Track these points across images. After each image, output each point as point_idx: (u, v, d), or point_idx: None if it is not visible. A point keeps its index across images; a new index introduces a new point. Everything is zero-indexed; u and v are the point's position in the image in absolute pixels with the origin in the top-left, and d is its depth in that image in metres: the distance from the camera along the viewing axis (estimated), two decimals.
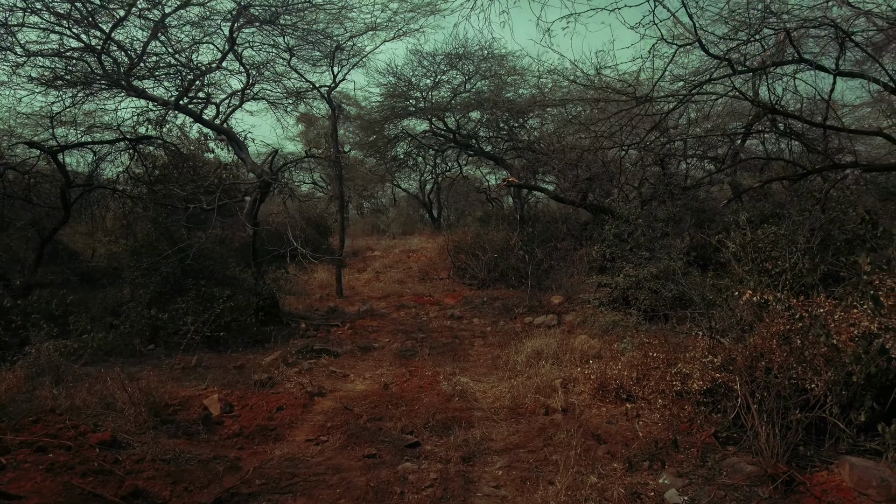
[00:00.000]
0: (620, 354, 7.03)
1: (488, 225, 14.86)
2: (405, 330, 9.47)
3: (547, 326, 9.42)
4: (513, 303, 10.90)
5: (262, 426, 4.89)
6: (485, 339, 8.92)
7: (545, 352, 7.32)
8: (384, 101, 15.23)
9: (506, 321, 9.93)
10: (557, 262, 11.97)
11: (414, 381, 6.53)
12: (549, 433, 4.72)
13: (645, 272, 8.83)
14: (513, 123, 15.40)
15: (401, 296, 12.26)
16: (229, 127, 10.40)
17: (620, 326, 8.43)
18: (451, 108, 14.94)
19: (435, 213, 25.77)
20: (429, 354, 7.98)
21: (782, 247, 5.10)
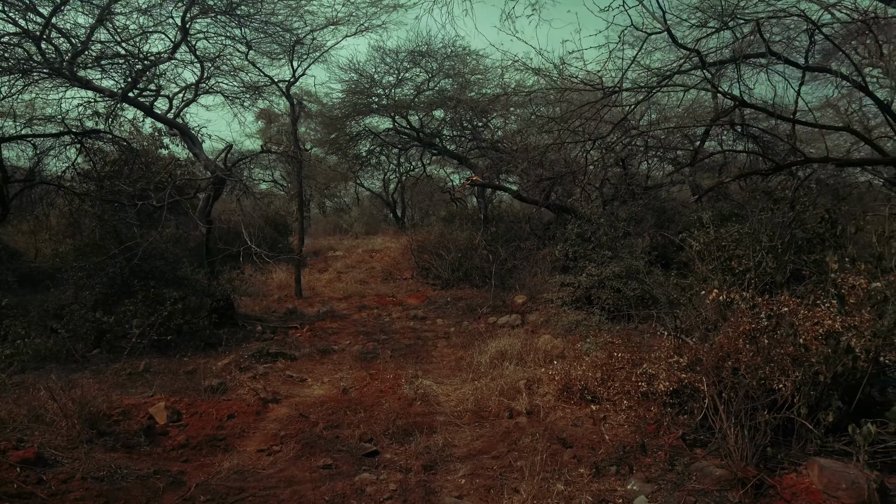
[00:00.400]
0: (584, 354, 6.93)
1: (452, 225, 14.69)
2: (367, 331, 9.21)
3: (511, 326, 9.28)
4: (477, 303, 10.74)
5: (211, 436, 4.57)
6: (448, 339, 8.72)
7: (509, 352, 7.17)
8: (346, 97, 14.91)
9: (469, 321, 9.76)
10: (521, 262, 11.87)
11: (374, 384, 6.28)
12: (514, 437, 4.55)
13: (607, 271, 8.78)
14: (476, 122, 15.27)
15: (363, 296, 11.97)
16: (183, 121, 9.95)
17: (583, 326, 8.35)
18: (414, 105, 14.72)
19: (399, 213, 25.48)
20: (391, 356, 7.74)
21: (746, 245, 5.06)
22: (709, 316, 5.05)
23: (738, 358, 3.93)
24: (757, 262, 4.73)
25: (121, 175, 8.98)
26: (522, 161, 11.91)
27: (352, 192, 31.84)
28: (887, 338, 3.22)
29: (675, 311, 5.54)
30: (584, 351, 5.92)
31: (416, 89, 14.67)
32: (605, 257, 9.12)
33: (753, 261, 4.70)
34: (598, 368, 5.39)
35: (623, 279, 8.74)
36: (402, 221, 24.66)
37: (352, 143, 16.15)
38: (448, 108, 14.85)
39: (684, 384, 4.30)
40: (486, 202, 15.74)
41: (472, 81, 14.71)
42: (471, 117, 15.24)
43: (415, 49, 14.08)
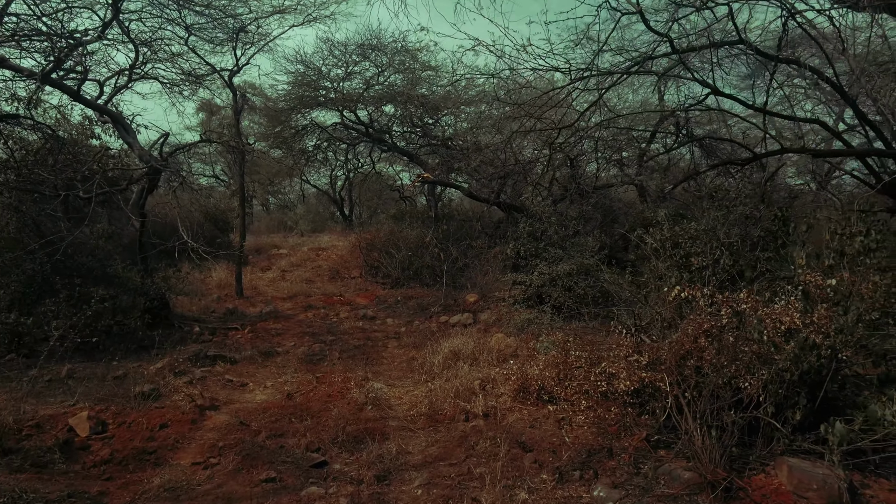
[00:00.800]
0: (539, 353, 6.79)
1: (402, 223, 14.39)
2: (313, 332, 8.81)
3: (463, 325, 9.08)
4: (428, 302, 10.49)
5: (140, 449, 4.14)
6: (399, 340, 8.44)
7: (462, 352, 6.96)
8: (292, 89, 14.36)
9: (421, 321, 9.50)
10: (472, 261, 11.70)
11: (322, 388, 5.94)
12: (471, 442, 4.33)
13: (559, 269, 8.70)
14: (427, 119, 15.01)
15: (309, 296, 11.52)
16: (116, 109, 9.25)
17: (535, 324, 8.23)
18: (363, 100, 14.33)
19: (347, 211, 24.95)
20: (339, 358, 7.40)
21: (703, 242, 5.02)
22: (666, 314, 4.96)
23: (702, 356, 3.83)
24: (714, 260, 4.69)
25: (45, 165, 8.24)
26: (475, 158, 11.75)
27: (297, 189, 31.03)
28: (852, 333, 3.17)
29: (631, 309, 5.44)
30: (540, 350, 5.75)
31: (366, 83, 14.28)
32: (556, 256, 9.05)
33: (711, 258, 4.66)
34: (554, 368, 5.24)
35: (574, 277, 8.68)
36: (350, 220, 24.15)
37: (297, 136, 15.59)
38: (398, 104, 14.53)
39: (645, 383, 4.18)
40: (437, 200, 15.53)
41: (423, 78, 14.46)
42: (421, 114, 14.98)
43: (364, 42, 13.71)
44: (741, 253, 4.79)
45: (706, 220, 5.40)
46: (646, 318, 5.31)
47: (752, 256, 4.82)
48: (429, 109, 14.24)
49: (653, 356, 4.17)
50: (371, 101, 14.39)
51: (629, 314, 5.22)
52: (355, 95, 14.23)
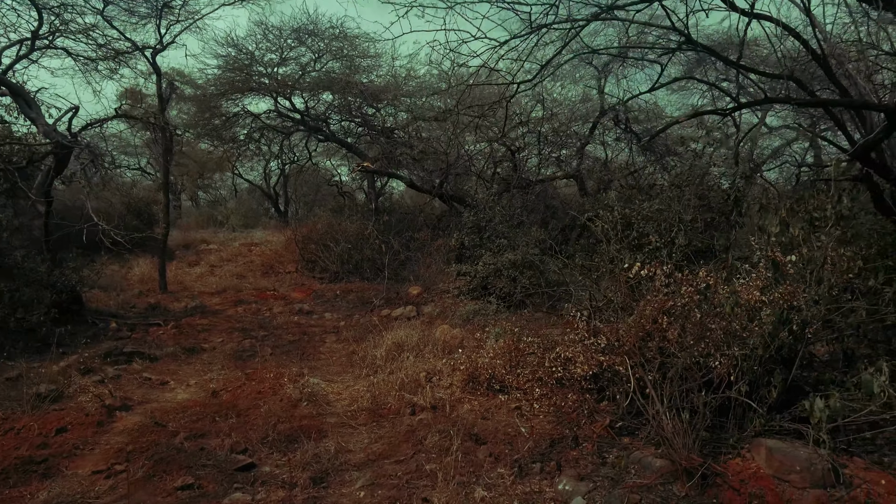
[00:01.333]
0: (486, 342, 6.48)
1: (341, 215, 13.79)
2: (243, 328, 8.16)
3: (406, 318, 8.66)
4: (369, 295, 10.00)
5: (26, 458, 3.49)
6: (338, 334, 7.93)
7: (407, 344, 6.55)
8: (222, 74, 13.49)
9: (362, 314, 9.01)
10: (415, 253, 11.29)
11: (251, 385, 5.38)
12: (419, 436, 3.93)
13: (503, 260, 8.44)
14: (367, 109, 14.49)
15: (239, 291, 10.79)
16: (17, 81, 8.27)
17: (481, 315, 7.94)
18: (299, 86, 13.65)
19: (282, 207, 23.96)
20: (271, 354, 6.83)
21: (657, 222, 4.83)
22: (620, 295, 4.72)
23: (664, 336, 3.58)
24: (670, 239, 4.50)
25: None
26: (418, 145, 11.35)
27: (229, 184, 29.65)
28: (826, 305, 2.98)
29: (582, 293, 5.19)
30: (491, 338, 5.41)
31: (301, 69, 13.62)
32: (502, 246, 8.78)
33: (667, 237, 4.47)
34: (505, 356, 4.91)
35: (519, 267, 8.44)
36: (286, 216, 23.19)
37: (227, 124, 14.70)
38: (336, 92, 13.93)
39: (604, 367, 3.91)
40: (378, 193, 15.03)
41: (362, 67, 13.94)
42: (360, 104, 14.44)
43: (300, 27, 13.06)
44: (696, 233, 4.62)
45: (660, 200, 5.22)
46: (599, 301, 5.08)
47: (706, 236, 4.66)
48: (368, 98, 13.72)
49: (611, 339, 3.90)
50: (307, 87, 13.72)
51: (580, 298, 4.96)
52: (290, 81, 13.54)
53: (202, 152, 20.66)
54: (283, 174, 22.89)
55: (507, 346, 5.05)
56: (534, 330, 6.11)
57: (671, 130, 15.06)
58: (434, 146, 13.26)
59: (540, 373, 4.40)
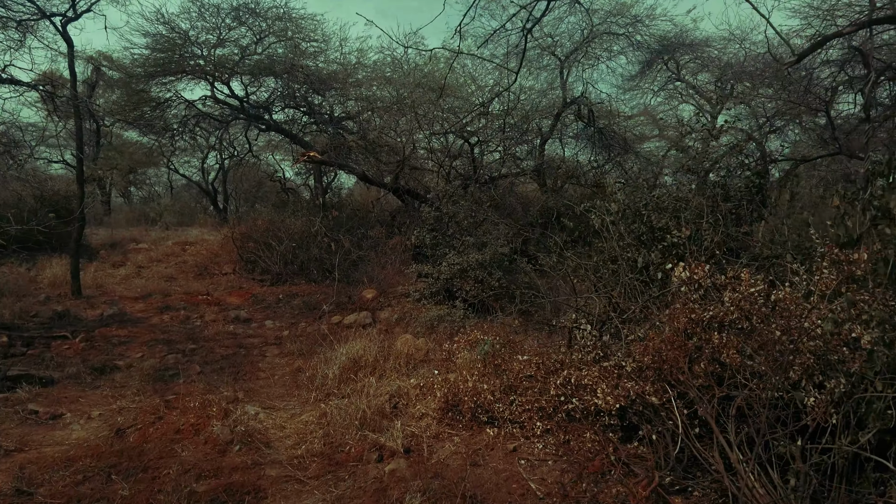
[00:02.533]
0: (458, 354, 5.50)
1: (285, 211, 12.51)
2: (168, 340, 6.87)
3: (361, 326, 7.57)
4: (316, 300, 8.83)
5: None
6: (281, 346, 6.76)
7: (364, 359, 5.48)
8: (151, 54, 11.95)
9: (308, 322, 7.85)
10: (368, 253, 10.18)
11: (170, 418, 4.19)
12: (392, 498, 2.88)
13: (470, 259, 7.47)
14: (312, 97, 13.24)
15: (168, 295, 9.39)
16: None
17: (447, 321, 6.94)
18: (238, 70, 12.27)
19: (221, 204, 22.21)
20: (200, 373, 5.62)
21: (673, 211, 3.97)
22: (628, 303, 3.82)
23: (716, 357, 2.68)
24: (693, 233, 3.64)
25: None
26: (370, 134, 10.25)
27: (165, 180, 27.51)
28: None
29: (577, 299, 4.27)
30: (480, 353, 4.42)
31: (241, 52, 12.25)
32: (467, 244, 7.81)
33: (692, 230, 3.61)
34: (493, 377, 3.93)
35: (487, 268, 7.50)
36: (224, 213, 21.47)
37: (159, 111, 13.11)
38: (279, 77, 12.62)
39: (633, 398, 2.98)
40: (325, 188, 13.80)
41: (308, 52, 12.69)
42: (305, 91, 13.18)
43: (240, 5, 11.71)
44: (729, 225, 3.78)
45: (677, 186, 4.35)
46: (598, 309, 4.16)
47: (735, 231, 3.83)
48: (315, 85, 12.48)
49: (643, 359, 2.97)
50: (247, 71, 12.37)
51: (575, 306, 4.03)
52: (229, 64, 12.15)
53: (133, 144, 18.78)
54: (222, 169, 21.22)
55: (494, 365, 4.07)
56: (516, 342, 5.18)
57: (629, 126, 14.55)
58: (387, 138, 12.18)
59: (542, 402, 3.44)
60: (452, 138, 11.99)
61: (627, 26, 11.52)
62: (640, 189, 4.23)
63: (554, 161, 13.08)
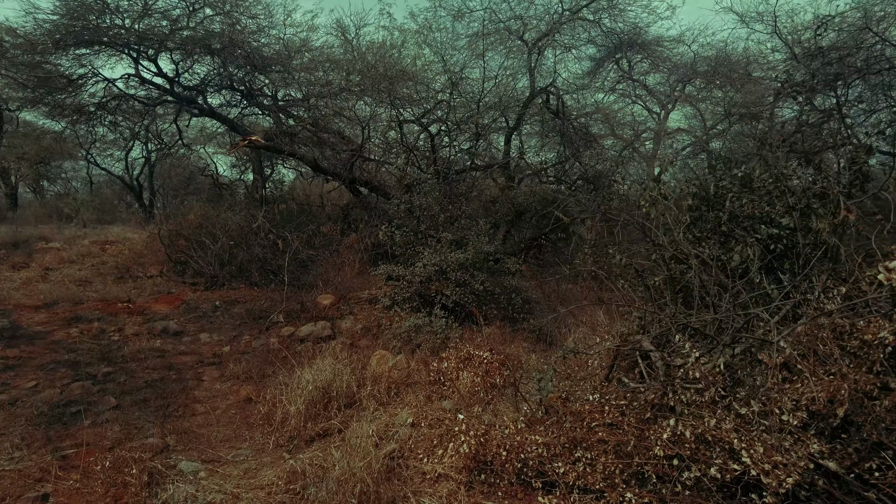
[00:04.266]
0: (459, 377, 4.35)
1: (220, 205, 10.86)
2: (75, 361, 5.29)
3: (319, 339, 6.23)
4: (262, 307, 7.38)
5: None
6: (222, 367, 5.34)
7: (335, 386, 4.19)
8: (60, 20, 10.03)
9: (254, 335, 6.43)
10: (320, 252, 8.79)
11: (62, 489, 2.76)
12: None
13: (450, 259, 6.28)
14: (254, 79, 11.64)
15: (79, 303, 7.64)
16: None
17: (427, 332, 5.72)
18: (167, 45, 10.53)
19: (147, 200, 19.88)
20: (116, 408, 4.16)
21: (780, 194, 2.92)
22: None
23: None
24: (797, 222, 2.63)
25: None
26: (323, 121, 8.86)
27: (83, 174, 24.61)
28: None
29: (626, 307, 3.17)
30: (543, 386, 3.24)
31: (171, 24, 10.52)
32: (445, 241, 6.61)
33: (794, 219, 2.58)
34: (551, 427, 2.77)
35: (469, 269, 6.34)
36: (151, 211, 19.20)
37: (71, 89, 11.12)
38: (216, 55, 10.96)
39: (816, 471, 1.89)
40: (265, 179, 12.21)
41: (248, 30, 11.11)
42: (246, 72, 11.57)
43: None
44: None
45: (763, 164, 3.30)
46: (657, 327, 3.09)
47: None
48: (256, 64, 10.91)
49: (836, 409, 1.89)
50: (178, 47, 10.64)
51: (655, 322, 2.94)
52: (156, 37, 10.39)
53: (40, 129, 16.37)
54: (148, 162, 18.97)
55: (551, 408, 2.91)
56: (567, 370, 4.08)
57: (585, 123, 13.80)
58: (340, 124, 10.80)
59: (634, 463, 2.30)
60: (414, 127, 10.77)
61: (601, 11, 10.69)
62: (716, 168, 3.21)
63: (515, 156, 12.10)
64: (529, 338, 6.39)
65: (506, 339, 6.03)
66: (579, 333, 6.20)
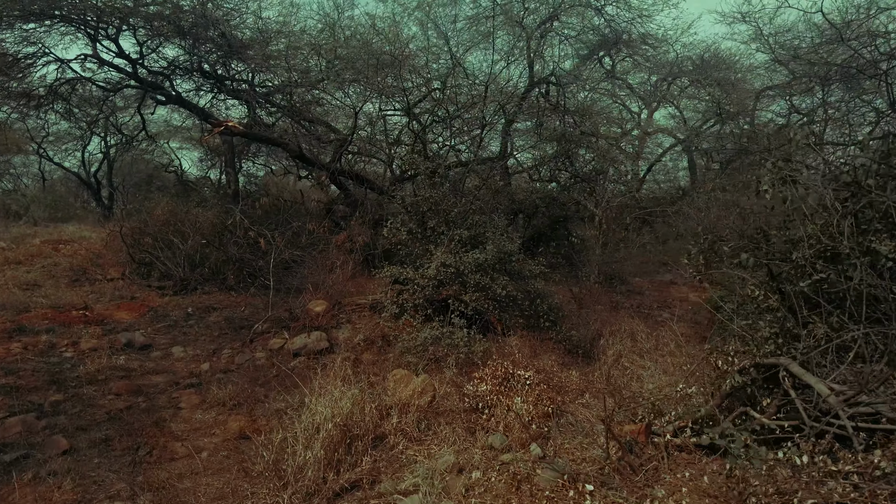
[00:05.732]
0: (515, 403, 3.51)
1: (189, 199, 9.75)
2: (16, 386, 4.22)
3: (315, 353, 5.29)
4: (243, 315, 6.39)
5: None
6: (203, 391, 4.35)
7: (355, 418, 3.29)
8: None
9: (236, 348, 5.45)
10: (307, 252, 7.81)
11: None
12: None
13: (468, 260, 5.42)
14: (229, 63, 10.52)
15: (25, 311, 6.47)
16: None
17: (447, 344, 4.83)
18: (130, 21, 9.34)
19: (107, 199, 18.29)
20: (67, 455, 3.15)
21: None
22: None
23: None
24: None
25: None
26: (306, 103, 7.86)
27: (35, 170, 22.70)
28: None
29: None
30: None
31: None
32: (459, 240, 5.74)
33: None
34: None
35: (489, 272, 5.49)
36: (110, 209, 17.64)
37: (17, 70, 9.79)
38: (185, 36, 9.81)
39: None
40: (237, 171, 11.11)
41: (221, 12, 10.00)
42: (218, 56, 10.44)
43: None
44: None
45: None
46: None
47: None
48: (231, 47, 9.80)
49: None
50: (143, 23, 9.46)
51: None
52: (117, 13, 9.19)
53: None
54: (107, 156, 17.46)
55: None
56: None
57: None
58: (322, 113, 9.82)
59: None
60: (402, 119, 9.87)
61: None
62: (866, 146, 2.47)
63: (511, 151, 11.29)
64: (557, 349, 5.60)
65: (535, 352, 5.20)
66: (620, 345, 5.43)
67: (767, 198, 2.59)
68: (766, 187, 2.58)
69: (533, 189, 9.19)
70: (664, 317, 7.22)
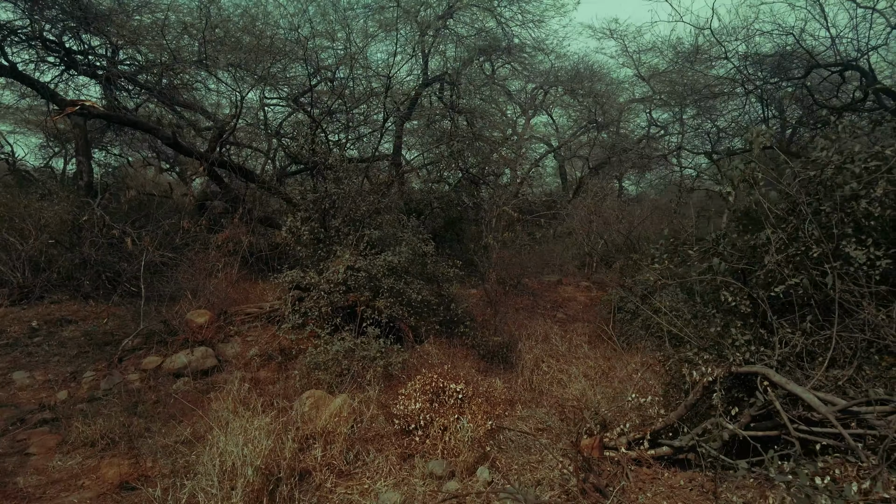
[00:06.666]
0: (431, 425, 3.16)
1: (30, 192, 8.21)
2: None
3: (200, 372, 4.54)
4: (107, 328, 5.37)
5: None
6: (62, 428, 3.47)
7: (274, 458, 2.74)
8: None
9: (103, 369, 4.52)
10: (184, 253, 6.83)
11: None
12: None
13: (379, 263, 4.98)
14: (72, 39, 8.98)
15: None
16: None
17: (362, 357, 4.34)
18: None
19: None
20: None
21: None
22: None
23: None
24: None
25: None
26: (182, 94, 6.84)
27: None
28: None
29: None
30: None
31: None
32: (368, 240, 5.27)
33: None
34: None
35: (403, 276, 5.08)
36: None
37: None
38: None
39: None
40: (90, 160, 9.59)
41: None
42: (65, 28, 8.88)
43: None
44: None
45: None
46: None
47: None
48: (88, 20, 8.36)
49: None
50: None
51: None
52: None
53: None
54: None
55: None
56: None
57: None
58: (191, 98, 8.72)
59: None
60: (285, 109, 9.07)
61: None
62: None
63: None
64: (472, 354, 5.32)
65: (452, 360, 4.88)
66: (537, 349, 5.27)
67: (731, 200, 2.51)
68: (729, 189, 2.50)
69: (429, 189, 8.90)
70: (559, 316, 7.27)
